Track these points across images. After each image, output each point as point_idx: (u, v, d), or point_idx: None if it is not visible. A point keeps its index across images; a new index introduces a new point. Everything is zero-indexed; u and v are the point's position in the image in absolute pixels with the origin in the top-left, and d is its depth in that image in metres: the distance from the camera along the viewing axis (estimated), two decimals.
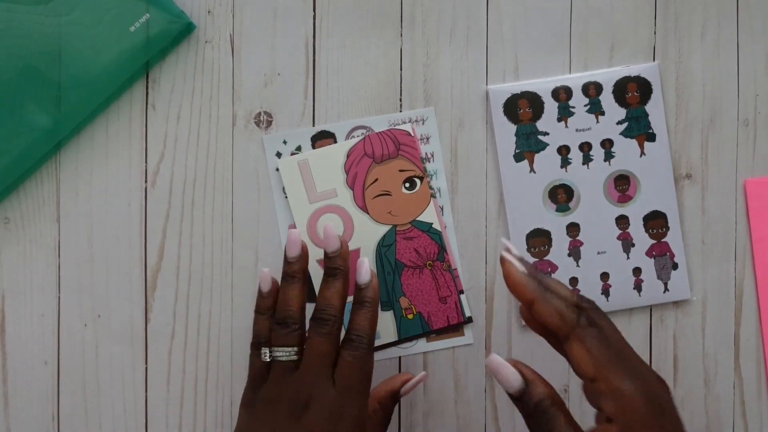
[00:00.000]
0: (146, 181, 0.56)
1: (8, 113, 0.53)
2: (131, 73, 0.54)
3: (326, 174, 0.56)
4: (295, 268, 0.50)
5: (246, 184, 0.56)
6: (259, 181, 0.56)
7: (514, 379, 0.43)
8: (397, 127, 0.56)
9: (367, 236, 0.56)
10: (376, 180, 0.56)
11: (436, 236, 0.56)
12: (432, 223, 0.56)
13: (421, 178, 0.56)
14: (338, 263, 0.50)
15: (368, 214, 0.56)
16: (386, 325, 0.56)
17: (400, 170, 0.56)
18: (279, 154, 0.56)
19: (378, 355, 0.57)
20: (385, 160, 0.56)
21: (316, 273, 0.55)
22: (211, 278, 0.56)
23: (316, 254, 0.55)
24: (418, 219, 0.56)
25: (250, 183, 0.56)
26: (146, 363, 0.56)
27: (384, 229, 0.56)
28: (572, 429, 0.41)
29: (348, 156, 0.56)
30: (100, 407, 0.56)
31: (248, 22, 0.56)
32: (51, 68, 0.53)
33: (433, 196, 0.56)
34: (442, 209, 0.57)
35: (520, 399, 0.43)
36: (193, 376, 0.56)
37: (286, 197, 0.56)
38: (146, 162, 0.56)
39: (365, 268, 0.49)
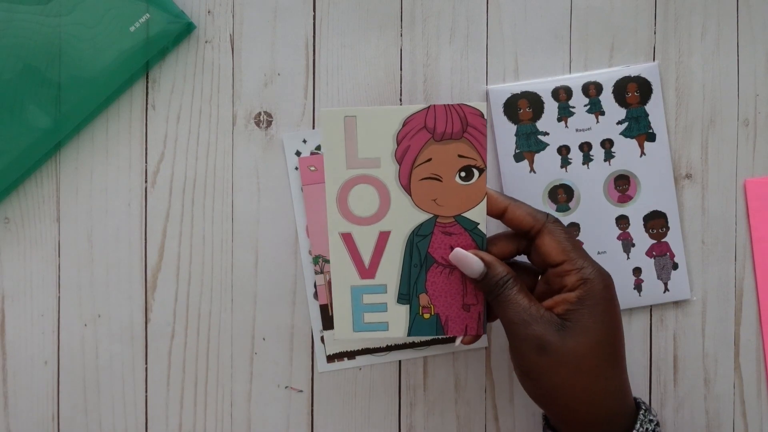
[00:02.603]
0: (146, 181, 0.56)
1: (8, 113, 0.53)
2: (131, 73, 0.54)
3: (374, 139, 0.49)
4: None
5: (246, 184, 0.56)
6: (259, 181, 0.56)
7: (477, 264, 0.49)
8: (468, 103, 0.49)
9: (402, 220, 0.50)
10: (429, 160, 0.49)
11: (479, 238, 0.50)
12: (478, 224, 0.50)
13: (482, 170, 0.49)
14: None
15: (410, 196, 0.50)
16: (397, 318, 0.51)
17: (460, 155, 0.49)
18: (299, 153, 0.56)
19: (380, 357, 0.57)
20: (446, 140, 0.49)
21: (337, 246, 0.50)
22: (211, 278, 0.56)
23: (342, 227, 0.50)
24: (464, 215, 0.50)
25: (250, 183, 0.56)
26: (146, 363, 0.56)
27: (423, 216, 0.50)
28: (526, 297, 0.48)
29: (404, 124, 0.49)
30: (100, 407, 0.56)
31: (248, 22, 0.56)
32: (51, 68, 0.53)
33: None
34: None
35: (482, 281, 0.49)
36: (193, 376, 0.56)
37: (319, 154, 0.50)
38: (146, 162, 0.56)
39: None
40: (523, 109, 0.56)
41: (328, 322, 0.56)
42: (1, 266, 0.56)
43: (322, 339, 0.57)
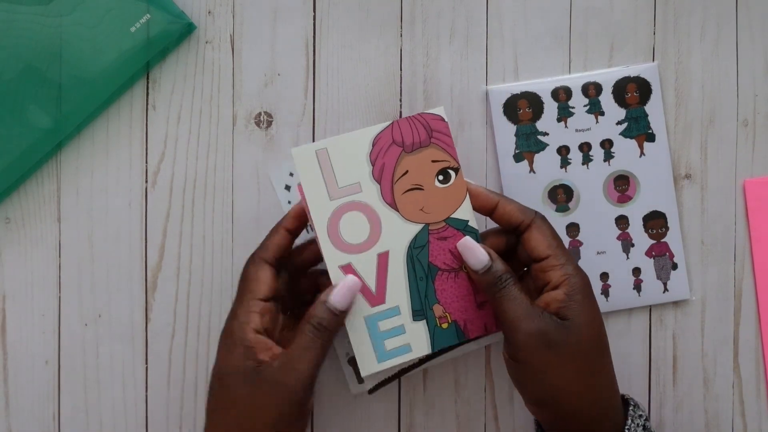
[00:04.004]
0: (147, 181, 0.56)
1: (9, 113, 0.53)
2: (132, 74, 0.54)
3: (349, 165, 0.49)
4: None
5: (246, 184, 0.56)
6: (259, 181, 0.56)
7: (483, 255, 0.49)
8: (428, 111, 0.50)
9: (396, 237, 0.50)
10: (407, 172, 0.50)
11: (473, 235, 0.50)
12: (468, 221, 0.51)
13: (456, 170, 0.50)
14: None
15: (398, 211, 0.50)
16: (418, 337, 0.50)
17: (433, 161, 0.50)
18: (288, 188, 0.56)
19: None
20: (416, 150, 0.50)
21: (337, 279, 0.50)
22: (211, 278, 0.56)
23: (340, 260, 0.50)
24: (453, 216, 0.50)
25: (250, 183, 0.56)
26: (146, 363, 0.56)
27: (415, 228, 0.50)
28: (524, 294, 0.48)
29: (373, 144, 0.50)
30: (101, 406, 0.56)
31: (248, 23, 0.56)
32: (52, 68, 0.53)
33: None
34: None
35: (485, 274, 0.49)
36: (193, 375, 0.56)
37: (301, 196, 0.49)
38: (147, 162, 0.56)
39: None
40: (522, 109, 0.57)
41: None
42: (2, 266, 0.56)
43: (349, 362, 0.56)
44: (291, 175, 0.56)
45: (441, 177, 0.50)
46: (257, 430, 0.46)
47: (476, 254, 0.49)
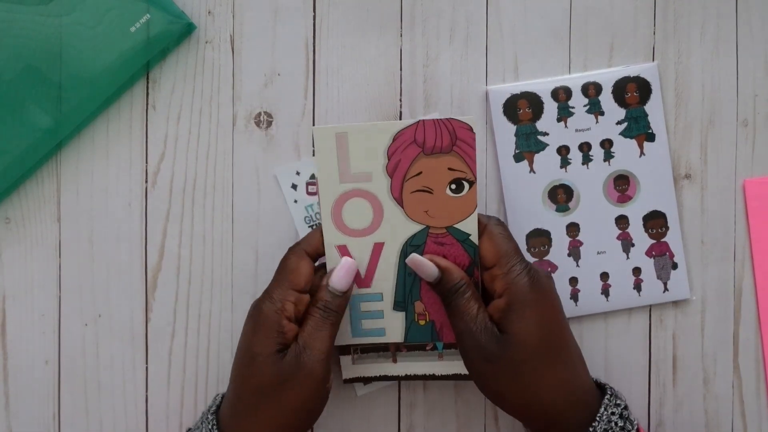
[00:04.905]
0: (147, 181, 0.56)
1: (9, 113, 0.53)
2: (132, 74, 0.54)
3: (365, 154, 0.50)
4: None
5: (246, 184, 0.56)
6: (259, 180, 0.56)
7: (431, 269, 0.50)
8: (458, 118, 0.50)
9: (395, 231, 0.51)
10: (420, 173, 0.50)
11: (470, 249, 0.51)
12: (470, 235, 0.51)
13: (472, 183, 0.50)
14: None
15: (402, 208, 0.51)
16: (394, 324, 0.53)
17: (450, 168, 0.50)
18: (294, 186, 0.56)
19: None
20: (436, 153, 0.50)
21: (334, 258, 0.51)
22: (211, 278, 0.56)
23: (337, 240, 0.51)
24: (455, 226, 0.51)
25: (250, 183, 0.56)
26: (146, 363, 0.56)
27: (416, 227, 0.51)
28: (477, 304, 0.49)
29: (394, 139, 0.50)
30: (101, 406, 0.56)
31: (248, 23, 0.56)
32: (52, 68, 0.53)
33: None
34: None
35: (438, 284, 0.50)
36: (193, 375, 0.56)
37: (313, 175, 0.52)
38: (147, 162, 0.56)
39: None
40: (522, 109, 0.57)
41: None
42: (2, 266, 0.56)
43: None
44: (297, 174, 0.56)
45: (454, 186, 0.50)
46: (284, 412, 0.49)
47: (425, 269, 0.50)
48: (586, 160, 0.57)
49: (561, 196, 0.57)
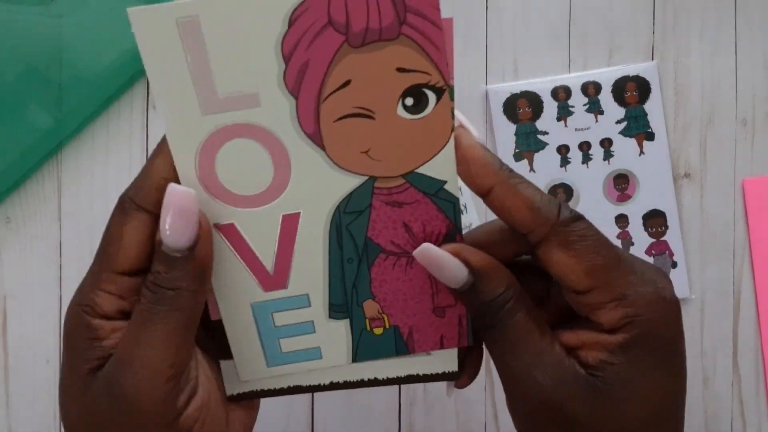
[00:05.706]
0: None
1: (10, 113, 0.53)
2: (132, 73, 0.54)
3: (241, 57, 0.28)
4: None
5: None
6: None
7: (458, 270, 0.30)
8: None
9: (315, 192, 0.31)
10: (348, 83, 0.29)
11: (447, 205, 0.31)
12: (446, 181, 0.31)
13: (440, 92, 0.31)
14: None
15: (323, 149, 0.30)
16: (334, 339, 0.33)
17: (400, 69, 0.29)
18: None
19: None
20: (371, 42, 0.29)
21: (217, 247, 0.31)
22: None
23: (214, 216, 0.31)
24: (418, 171, 0.31)
25: None
26: None
27: (351, 181, 0.31)
28: (538, 329, 0.30)
29: (291, 23, 0.28)
30: None
31: None
32: (52, 68, 0.53)
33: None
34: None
35: (466, 293, 0.30)
36: None
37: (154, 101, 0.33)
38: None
39: None
40: (522, 108, 0.57)
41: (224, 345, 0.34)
42: (3, 266, 0.56)
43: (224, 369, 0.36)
44: None
45: (410, 101, 0.30)
46: None
47: (446, 269, 0.30)
48: (586, 159, 0.57)
49: (561, 195, 0.57)
